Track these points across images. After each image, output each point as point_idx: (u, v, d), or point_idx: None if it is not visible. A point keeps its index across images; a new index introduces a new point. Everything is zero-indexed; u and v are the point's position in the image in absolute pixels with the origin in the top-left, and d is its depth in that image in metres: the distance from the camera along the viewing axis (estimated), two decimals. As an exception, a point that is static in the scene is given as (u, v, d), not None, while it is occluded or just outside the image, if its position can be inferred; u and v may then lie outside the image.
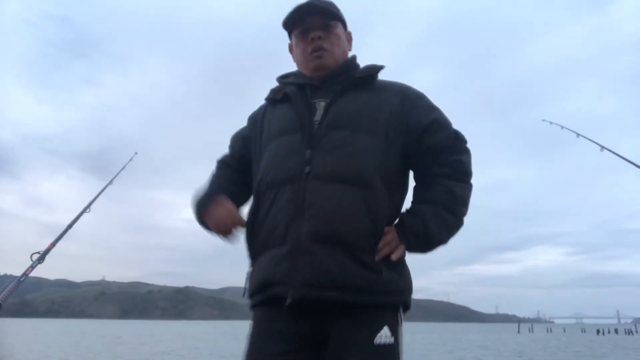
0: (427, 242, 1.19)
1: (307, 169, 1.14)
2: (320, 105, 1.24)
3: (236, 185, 1.37)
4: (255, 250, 1.22)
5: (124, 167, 3.16)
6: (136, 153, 3.34)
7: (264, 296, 1.15)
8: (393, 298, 1.14)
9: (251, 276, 1.21)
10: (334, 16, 1.33)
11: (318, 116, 1.22)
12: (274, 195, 1.17)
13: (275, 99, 1.34)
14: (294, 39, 1.37)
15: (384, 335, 1.07)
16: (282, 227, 1.13)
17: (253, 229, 1.22)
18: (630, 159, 3.85)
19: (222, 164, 1.44)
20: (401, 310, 1.17)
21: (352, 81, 1.27)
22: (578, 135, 4.45)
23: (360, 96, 1.24)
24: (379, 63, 1.33)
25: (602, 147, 4.06)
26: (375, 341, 1.06)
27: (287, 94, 1.29)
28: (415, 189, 1.29)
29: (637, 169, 3.68)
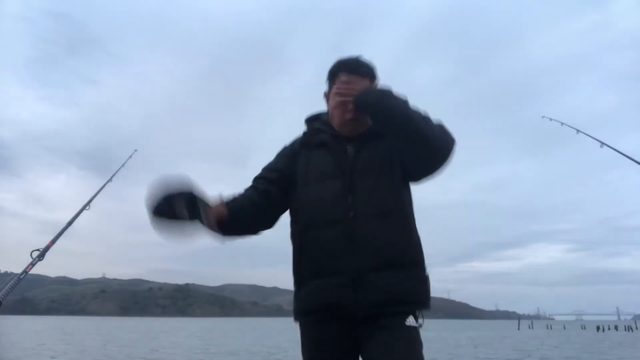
0: (382, 97, 1.36)
1: (351, 213, 1.38)
2: (351, 152, 1.47)
3: (250, 203, 1.49)
4: (302, 277, 1.46)
5: (123, 165, 3.16)
6: (136, 150, 3.35)
7: (328, 315, 1.38)
8: (425, 301, 1.44)
9: (303, 298, 1.45)
10: (372, 83, 1.50)
11: (350, 164, 1.46)
12: (321, 233, 1.40)
13: (311, 143, 1.53)
14: (332, 93, 1.51)
15: (411, 321, 1.36)
16: (334, 260, 1.37)
17: (300, 260, 1.46)
18: (630, 155, 3.85)
19: (251, 187, 1.56)
20: (421, 309, 1.43)
21: (374, 133, 1.49)
22: (578, 131, 4.43)
23: (378, 145, 1.47)
24: None
25: (602, 144, 4.04)
26: (405, 323, 1.35)
27: (323, 142, 1.50)
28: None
29: (637, 165, 3.67)
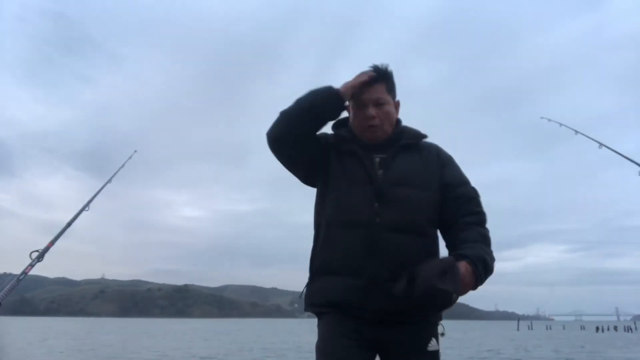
0: (486, 271, 1.41)
1: (378, 220, 1.42)
2: (376, 160, 1.52)
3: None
4: (318, 270, 1.50)
5: (123, 165, 3.17)
6: (135, 151, 3.35)
7: (336, 311, 1.43)
8: (438, 317, 1.49)
9: (317, 291, 1.49)
10: (389, 91, 1.56)
11: (379, 173, 1.50)
12: (345, 233, 1.44)
13: (341, 149, 1.56)
14: (351, 105, 1.58)
15: (433, 345, 1.41)
16: (356, 262, 1.41)
17: (320, 254, 1.50)
18: (628, 156, 3.86)
19: None
20: (442, 324, 1.48)
21: (404, 145, 1.55)
22: (576, 132, 4.45)
23: (410, 157, 1.54)
24: (422, 131, 1.62)
25: (601, 144, 4.06)
26: (427, 348, 1.41)
27: (352, 150, 1.53)
28: (443, 231, 1.55)
29: (635, 165, 3.68)
